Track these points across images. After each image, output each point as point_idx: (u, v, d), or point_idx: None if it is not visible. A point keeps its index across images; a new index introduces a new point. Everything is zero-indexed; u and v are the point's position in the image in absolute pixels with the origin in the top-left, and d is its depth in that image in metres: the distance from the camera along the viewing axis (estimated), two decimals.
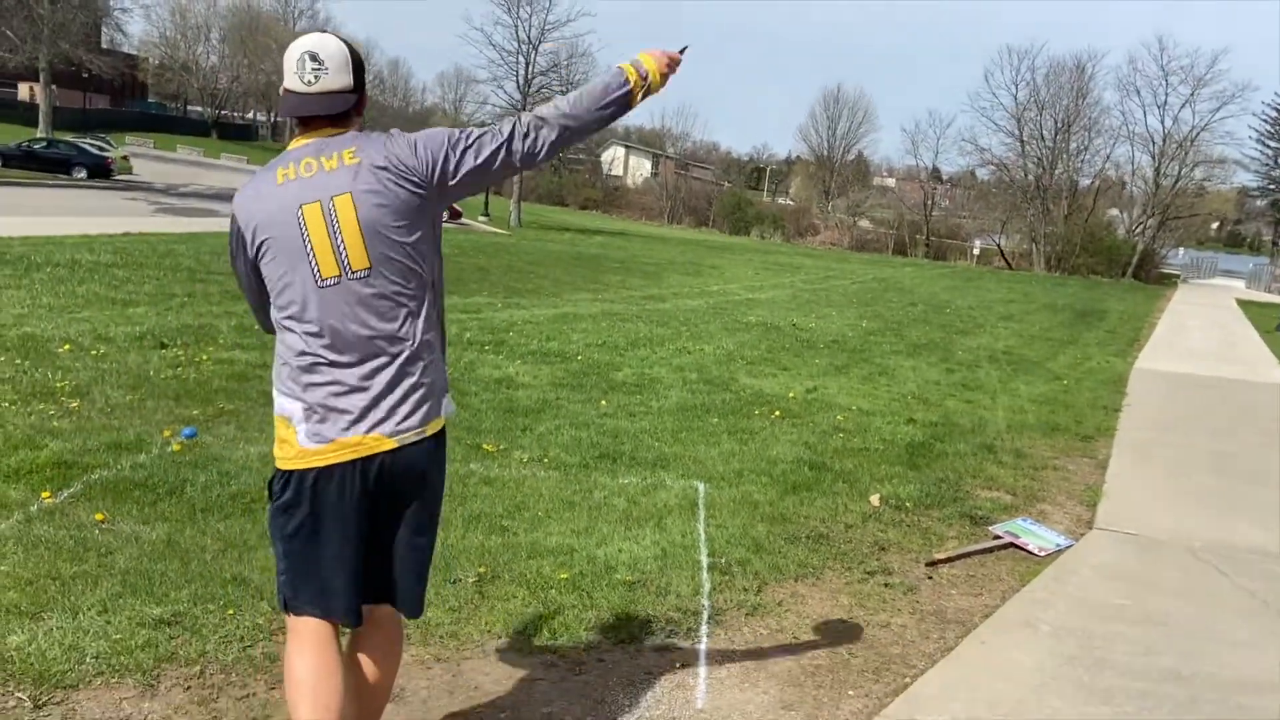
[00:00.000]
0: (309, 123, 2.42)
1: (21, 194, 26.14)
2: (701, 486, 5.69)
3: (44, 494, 4.53)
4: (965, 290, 27.64)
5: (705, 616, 4.00)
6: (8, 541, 3.99)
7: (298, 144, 2.43)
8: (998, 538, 5.33)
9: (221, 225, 20.75)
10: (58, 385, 6.46)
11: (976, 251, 55.92)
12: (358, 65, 2.43)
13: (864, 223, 65.49)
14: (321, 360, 2.38)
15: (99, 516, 4.33)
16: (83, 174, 34.94)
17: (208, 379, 7.10)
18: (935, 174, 67.60)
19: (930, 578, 4.73)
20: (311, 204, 2.34)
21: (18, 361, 6.98)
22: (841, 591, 4.43)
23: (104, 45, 52.78)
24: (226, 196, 31.79)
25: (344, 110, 2.41)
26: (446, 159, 2.40)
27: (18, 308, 9.10)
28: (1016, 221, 54.44)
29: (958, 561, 4.97)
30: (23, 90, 63.56)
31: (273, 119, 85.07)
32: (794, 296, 19.77)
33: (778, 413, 7.91)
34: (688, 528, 4.97)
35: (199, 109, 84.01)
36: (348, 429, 2.37)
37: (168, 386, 6.76)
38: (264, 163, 2.69)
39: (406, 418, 2.41)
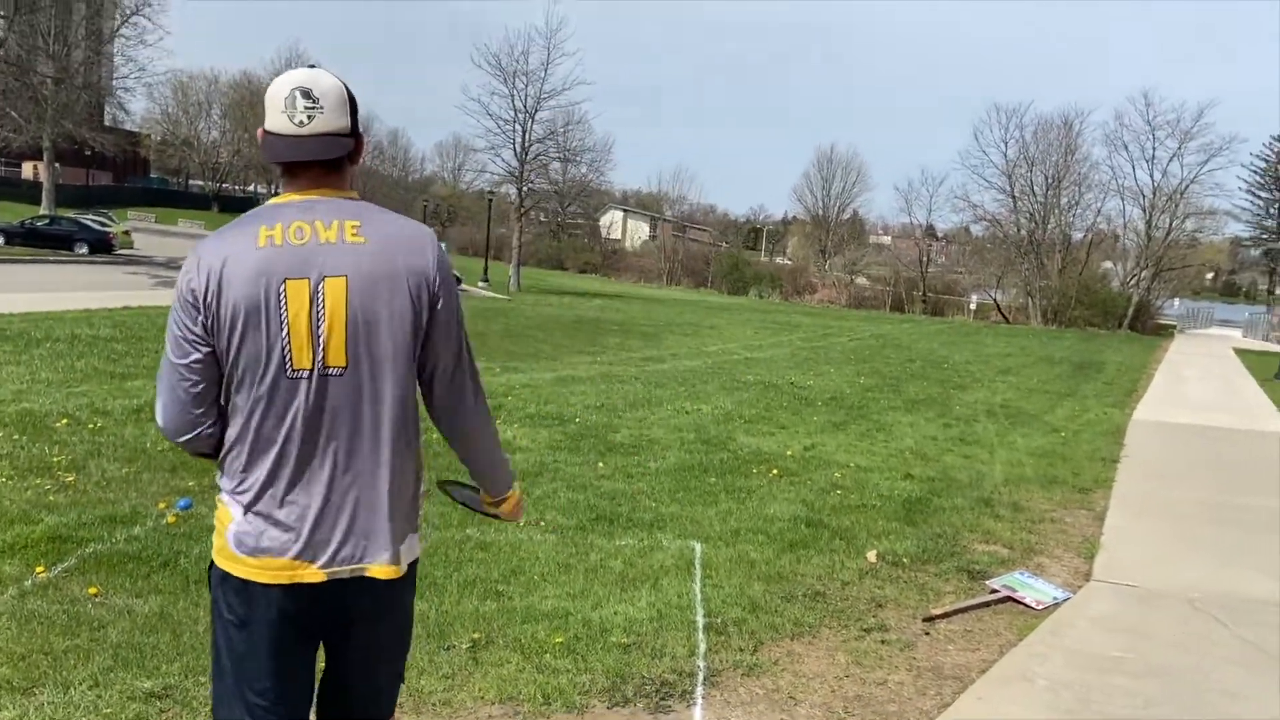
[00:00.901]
0: (298, 171, 2.06)
1: (24, 271, 26.38)
2: (698, 546, 5.68)
3: (38, 569, 4.53)
4: (962, 345, 27.73)
5: (701, 678, 3.98)
6: (1, 617, 4.00)
7: (283, 199, 2.07)
8: (995, 592, 5.32)
9: None
10: (54, 460, 6.49)
11: (973, 306, 56.22)
12: (353, 106, 2.10)
13: (861, 280, 65.95)
14: (265, 462, 2.03)
15: (93, 590, 4.34)
16: (84, 250, 35.29)
17: None
18: (930, 231, 68.24)
19: (927, 633, 4.71)
20: (298, 280, 1.96)
21: (15, 437, 7.01)
22: (838, 649, 4.41)
23: (107, 123, 53.50)
24: None
25: (340, 156, 2.07)
26: (430, 311, 2.11)
27: (17, 383, 9.16)
28: (1012, 276, 54.86)
29: (955, 617, 4.95)
30: (26, 169, 64.47)
31: (274, 190, 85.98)
32: (792, 355, 19.83)
33: (775, 471, 7.92)
34: (684, 588, 4.96)
35: (200, 183, 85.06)
36: (278, 548, 2.02)
37: (164, 459, 6.78)
38: None
39: (341, 547, 2.04)
